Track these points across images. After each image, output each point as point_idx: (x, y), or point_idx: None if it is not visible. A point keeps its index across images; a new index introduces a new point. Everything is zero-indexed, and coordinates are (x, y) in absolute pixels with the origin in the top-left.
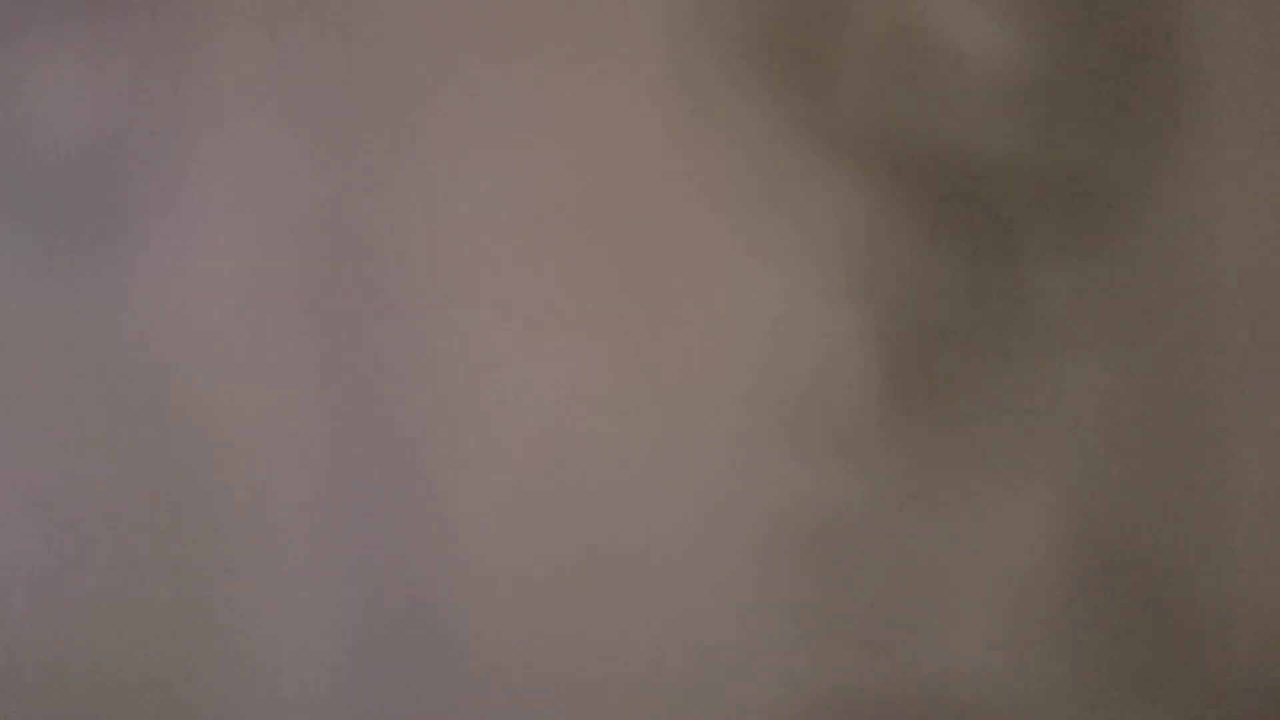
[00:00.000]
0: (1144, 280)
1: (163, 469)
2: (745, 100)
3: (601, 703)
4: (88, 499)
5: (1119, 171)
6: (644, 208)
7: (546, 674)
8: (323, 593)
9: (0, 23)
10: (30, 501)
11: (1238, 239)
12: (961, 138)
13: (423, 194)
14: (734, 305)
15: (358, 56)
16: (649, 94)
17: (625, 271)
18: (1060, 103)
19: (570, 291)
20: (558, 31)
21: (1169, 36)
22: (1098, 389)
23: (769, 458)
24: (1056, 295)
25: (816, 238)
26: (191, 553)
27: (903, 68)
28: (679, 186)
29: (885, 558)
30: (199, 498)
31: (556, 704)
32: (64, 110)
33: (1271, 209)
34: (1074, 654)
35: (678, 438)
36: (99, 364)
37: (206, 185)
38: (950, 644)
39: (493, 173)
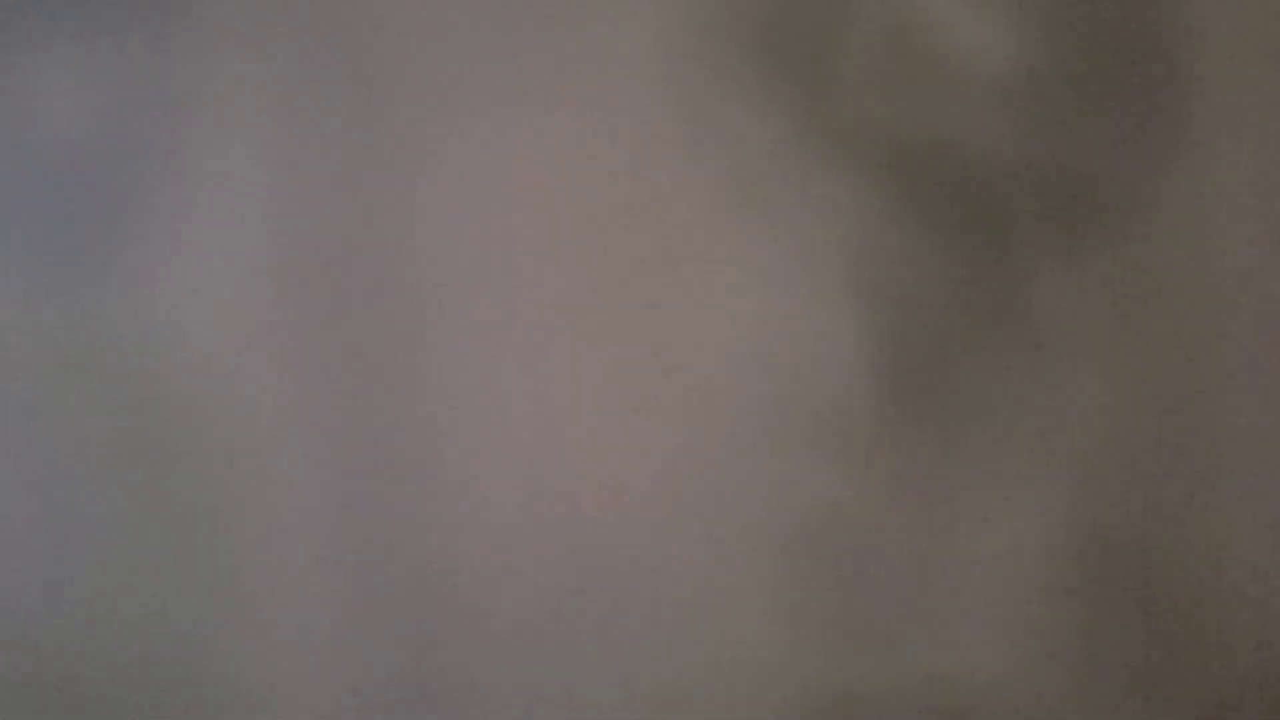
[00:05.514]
0: (1144, 281)
1: (162, 469)
2: (744, 100)
3: (604, 708)
4: (87, 488)
5: (1119, 171)
6: (642, 209)
7: (551, 679)
8: (321, 566)
9: (1, 31)
10: (28, 500)
11: (1238, 240)
12: (961, 137)
13: (422, 197)
14: (731, 306)
15: (358, 59)
16: (647, 94)
17: (623, 273)
18: (1060, 102)
19: (566, 293)
20: (555, 34)
21: (1169, 36)
22: (1098, 390)
23: (767, 459)
24: (1056, 296)
25: (815, 238)
26: (187, 539)
27: (902, 67)
28: (676, 188)
29: (886, 560)
30: (198, 496)
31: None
32: (65, 116)
33: (1271, 209)
34: (1076, 654)
35: (676, 439)
36: (99, 365)
37: (207, 189)
38: (951, 645)
39: (492, 176)
